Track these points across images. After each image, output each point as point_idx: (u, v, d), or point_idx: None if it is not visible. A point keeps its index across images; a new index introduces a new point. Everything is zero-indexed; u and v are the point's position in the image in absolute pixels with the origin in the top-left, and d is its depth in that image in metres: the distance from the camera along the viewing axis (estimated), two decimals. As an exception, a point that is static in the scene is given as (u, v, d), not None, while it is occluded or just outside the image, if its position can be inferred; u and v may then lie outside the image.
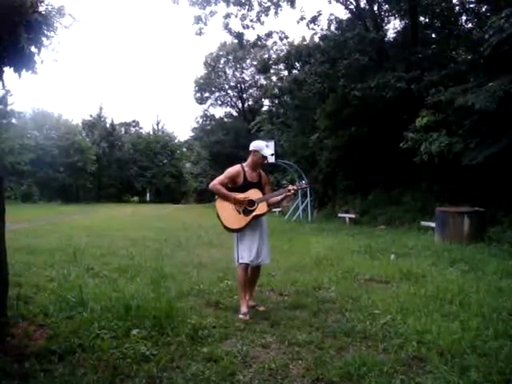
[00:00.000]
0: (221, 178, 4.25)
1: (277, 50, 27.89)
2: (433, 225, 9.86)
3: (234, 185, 4.24)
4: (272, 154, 4.26)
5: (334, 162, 18.24)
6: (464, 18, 15.40)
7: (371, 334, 3.49)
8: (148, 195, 53.61)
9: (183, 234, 11.52)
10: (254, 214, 4.15)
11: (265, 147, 4.30)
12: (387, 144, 14.21)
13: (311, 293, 4.89)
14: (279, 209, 21.86)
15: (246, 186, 4.22)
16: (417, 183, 13.64)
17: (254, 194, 4.21)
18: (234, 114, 41.08)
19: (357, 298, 4.62)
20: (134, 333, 3.32)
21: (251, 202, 4.17)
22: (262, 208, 4.17)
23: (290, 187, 4.26)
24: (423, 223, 11.01)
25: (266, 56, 28.74)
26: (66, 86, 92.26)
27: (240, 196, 4.17)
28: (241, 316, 3.96)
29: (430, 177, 12.97)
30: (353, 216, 14.99)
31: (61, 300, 4.07)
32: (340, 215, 16.02)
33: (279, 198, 4.29)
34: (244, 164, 4.34)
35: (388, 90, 13.17)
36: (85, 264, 6.30)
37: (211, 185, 4.23)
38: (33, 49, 3.28)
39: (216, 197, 4.28)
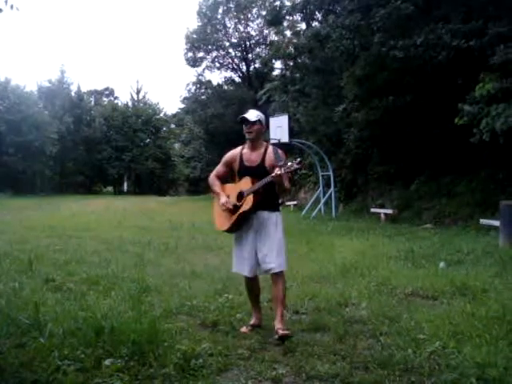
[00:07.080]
0: (218, 166, 4.48)
1: (292, -6, 27.63)
2: (497, 223, 9.84)
3: (234, 172, 4.36)
4: (253, 122, 3.89)
5: (366, 141, 18.19)
6: None
7: (415, 366, 3.47)
8: (126, 184, 53.99)
9: (171, 234, 11.61)
10: (241, 211, 4.17)
11: (249, 112, 4.33)
12: (436, 119, 14.11)
13: (336, 310, 4.89)
14: (295, 202, 21.86)
15: (243, 172, 4.29)
16: (475, 170, 13.58)
17: (244, 184, 4.21)
18: (237, 79, 40.97)
19: (395, 317, 4.62)
20: (107, 363, 3.32)
21: (241, 196, 4.20)
22: (248, 202, 4.13)
23: (273, 173, 3.97)
24: (483, 221, 11.02)
25: (278, 3, 28.53)
26: (17, 41, 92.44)
27: (227, 191, 4.34)
28: (242, 329, 4.23)
29: (492, 161, 12.90)
30: (390, 211, 15.07)
31: (9, 322, 4.06)
32: (373, 210, 16.11)
33: (262, 183, 4.07)
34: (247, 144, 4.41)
35: (439, 49, 12.97)
36: (43, 274, 6.34)
37: (210, 177, 4.49)
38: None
39: None
